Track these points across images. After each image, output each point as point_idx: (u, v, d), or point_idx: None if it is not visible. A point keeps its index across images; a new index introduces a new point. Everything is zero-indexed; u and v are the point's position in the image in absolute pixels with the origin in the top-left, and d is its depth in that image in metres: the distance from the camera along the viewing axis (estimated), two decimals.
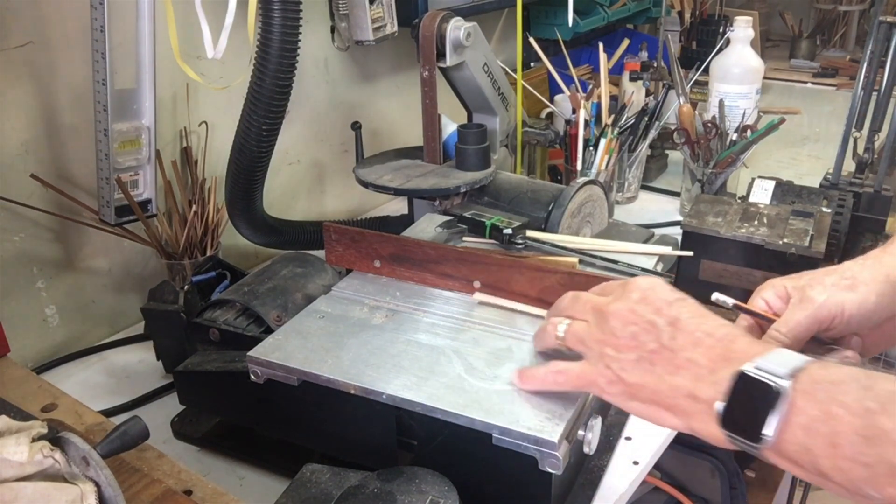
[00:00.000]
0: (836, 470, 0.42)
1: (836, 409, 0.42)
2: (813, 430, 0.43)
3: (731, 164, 1.29)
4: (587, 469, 0.73)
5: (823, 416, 0.42)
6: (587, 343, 0.56)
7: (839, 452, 0.42)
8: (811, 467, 0.43)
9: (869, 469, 0.41)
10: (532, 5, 1.72)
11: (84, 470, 0.50)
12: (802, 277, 0.63)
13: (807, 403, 0.43)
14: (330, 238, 0.83)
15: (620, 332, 0.53)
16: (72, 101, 0.96)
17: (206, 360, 0.78)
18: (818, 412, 0.43)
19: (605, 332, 0.54)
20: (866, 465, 0.41)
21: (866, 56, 1.17)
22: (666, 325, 0.52)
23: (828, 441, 0.42)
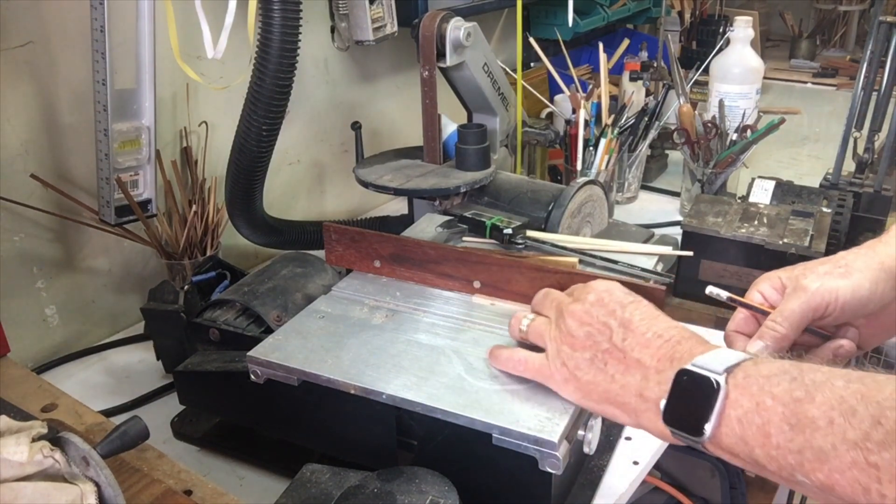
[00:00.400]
0: (769, 458, 0.44)
1: (768, 400, 0.44)
2: (747, 421, 0.45)
3: (731, 164, 1.29)
4: (587, 469, 0.73)
5: (756, 407, 0.44)
6: (545, 339, 0.59)
7: (770, 441, 0.43)
8: (748, 457, 0.45)
9: (798, 455, 0.42)
10: (532, 5, 1.72)
11: (84, 470, 0.50)
12: (796, 268, 0.64)
13: (741, 396, 0.45)
14: (330, 238, 0.83)
15: (576, 332, 0.56)
16: (72, 101, 0.96)
17: (206, 360, 0.78)
18: (751, 404, 0.45)
19: (563, 331, 0.57)
20: (795, 451, 0.42)
21: (866, 56, 1.17)
22: (618, 327, 0.55)
23: (760, 431, 0.44)
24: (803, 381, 0.44)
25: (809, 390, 0.43)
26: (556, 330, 0.58)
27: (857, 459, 0.39)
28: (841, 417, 0.41)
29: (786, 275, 0.63)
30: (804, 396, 0.43)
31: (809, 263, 0.64)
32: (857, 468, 0.39)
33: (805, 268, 0.63)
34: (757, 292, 0.65)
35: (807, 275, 0.62)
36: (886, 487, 0.38)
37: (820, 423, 0.41)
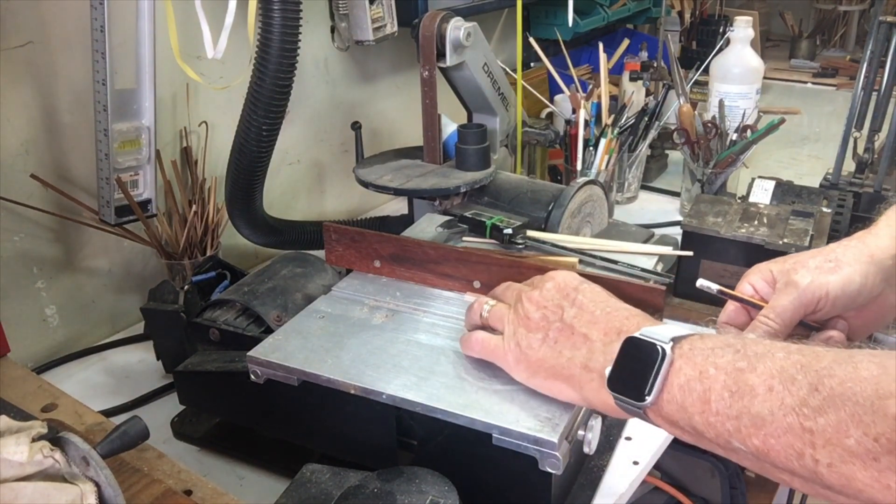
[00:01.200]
0: (707, 425, 0.45)
1: (711, 369, 0.45)
2: (688, 388, 0.46)
3: (731, 164, 1.29)
4: (587, 469, 0.73)
5: (699, 375, 0.46)
6: (504, 323, 0.61)
7: (710, 408, 0.45)
8: (687, 425, 0.46)
9: (735, 421, 0.43)
10: (532, 5, 1.72)
11: (84, 470, 0.50)
12: (787, 261, 0.64)
13: (685, 365, 0.47)
14: (330, 238, 0.83)
15: (532, 315, 0.58)
16: (72, 101, 0.96)
17: (206, 360, 0.78)
18: (694, 372, 0.46)
19: (520, 315, 0.59)
20: (733, 417, 0.43)
21: (866, 56, 1.17)
22: (570, 307, 0.57)
23: (701, 398, 0.45)
24: (746, 353, 0.45)
25: (752, 361, 0.44)
26: (513, 314, 0.60)
27: (793, 424, 0.40)
28: (780, 385, 0.42)
29: (777, 268, 0.64)
30: (746, 366, 0.44)
31: (800, 256, 0.64)
32: (791, 433, 0.40)
33: (796, 262, 0.63)
34: (748, 284, 0.65)
35: (798, 269, 0.62)
36: (819, 452, 0.39)
37: (759, 390, 0.42)
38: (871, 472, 0.37)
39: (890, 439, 0.37)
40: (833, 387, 0.40)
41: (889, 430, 0.37)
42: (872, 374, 0.39)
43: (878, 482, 0.37)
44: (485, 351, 0.62)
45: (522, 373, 0.59)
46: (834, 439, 0.39)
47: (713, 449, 0.46)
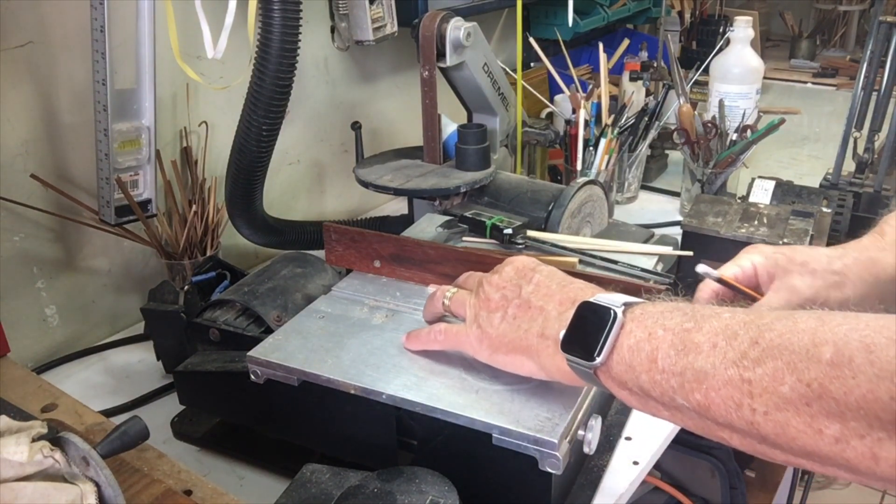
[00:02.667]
0: (653, 384, 0.46)
1: (659, 330, 0.47)
2: (637, 348, 0.48)
3: (731, 164, 1.29)
4: (587, 469, 0.73)
5: (648, 336, 0.47)
6: (465, 308, 0.63)
7: (656, 366, 0.46)
8: (634, 385, 0.48)
9: (679, 378, 0.44)
10: (532, 5, 1.72)
11: (84, 470, 0.50)
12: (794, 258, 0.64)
13: (636, 327, 0.49)
14: (330, 238, 0.83)
15: (492, 296, 0.60)
16: (72, 101, 0.96)
17: (206, 360, 0.78)
18: (644, 334, 0.48)
19: (481, 298, 0.61)
20: (677, 373, 0.45)
21: (866, 56, 1.17)
22: (527, 284, 0.59)
23: (648, 357, 0.47)
24: (694, 315, 0.47)
25: (699, 321, 0.46)
26: (475, 298, 0.62)
27: (733, 377, 0.42)
28: (723, 341, 0.43)
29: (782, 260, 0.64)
30: (693, 326, 0.45)
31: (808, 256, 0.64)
32: (731, 385, 0.42)
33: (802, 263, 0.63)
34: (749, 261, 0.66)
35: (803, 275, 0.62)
36: (756, 401, 0.40)
37: (704, 347, 0.44)
38: (804, 417, 0.38)
39: (822, 384, 0.38)
40: (772, 339, 0.41)
41: (821, 375, 0.38)
42: (810, 326, 0.40)
43: (810, 427, 0.38)
44: (448, 339, 0.64)
45: (485, 351, 0.60)
46: (770, 387, 0.40)
47: (657, 410, 0.48)
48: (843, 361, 0.37)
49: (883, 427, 0.36)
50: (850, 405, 0.37)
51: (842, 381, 0.37)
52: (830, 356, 0.38)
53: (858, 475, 0.38)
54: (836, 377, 0.37)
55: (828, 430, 0.38)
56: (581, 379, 0.52)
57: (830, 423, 0.38)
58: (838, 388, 0.37)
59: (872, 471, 0.37)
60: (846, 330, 0.39)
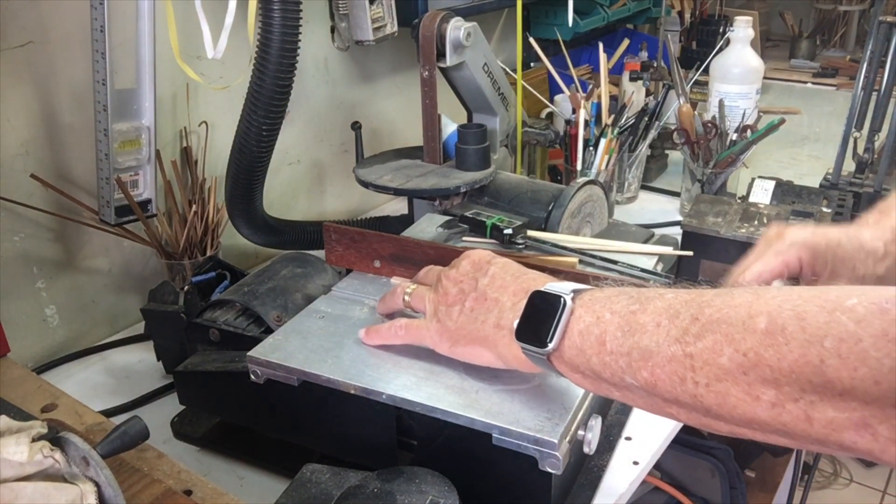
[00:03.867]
0: (603, 365, 0.48)
1: (607, 314, 0.49)
2: (587, 332, 0.50)
3: (731, 164, 1.29)
4: (587, 469, 0.73)
5: (596, 320, 0.49)
6: (425, 303, 0.64)
7: (605, 348, 0.48)
8: (586, 368, 0.50)
9: (626, 357, 0.46)
10: (532, 5, 1.72)
11: (84, 470, 0.50)
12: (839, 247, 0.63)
13: (585, 313, 0.50)
14: (330, 238, 0.83)
15: (450, 290, 0.62)
16: (72, 101, 0.96)
17: (206, 360, 0.78)
18: (593, 318, 0.50)
19: (440, 293, 0.63)
20: (625, 354, 0.47)
21: (866, 56, 1.17)
22: (483, 277, 0.61)
23: (597, 340, 0.49)
24: (639, 298, 0.48)
25: (643, 303, 0.48)
26: (433, 293, 0.64)
27: (676, 353, 0.43)
28: (667, 320, 0.45)
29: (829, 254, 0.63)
30: (638, 308, 0.47)
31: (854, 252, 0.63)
32: (675, 361, 0.43)
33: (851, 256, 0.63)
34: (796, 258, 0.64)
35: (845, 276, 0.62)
36: (698, 374, 0.42)
37: (648, 326, 0.46)
38: (742, 385, 0.40)
39: (757, 353, 0.40)
40: (711, 314, 0.43)
41: (757, 344, 0.40)
42: (746, 300, 0.42)
43: (748, 395, 0.40)
44: (409, 334, 0.65)
45: (445, 344, 0.62)
46: (710, 360, 0.42)
47: (610, 392, 0.50)
48: (777, 330, 0.39)
49: (815, 390, 0.38)
50: (783, 371, 0.38)
51: (775, 348, 0.39)
52: (765, 326, 0.40)
53: (795, 439, 0.40)
54: (770, 345, 0.39)
55: (764, 396, 0.39)
56: (536, 365, 0.54)
57: (766, 390, 0.39)
58: (772, 356, 0.39)
59: (807, 433, 0.39)
60: (780, 301, 0.41)
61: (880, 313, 0.36)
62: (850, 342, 0.36)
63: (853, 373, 0.36)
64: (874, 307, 0.37)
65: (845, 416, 0.37)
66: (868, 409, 0.36)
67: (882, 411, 0.36)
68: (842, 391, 0.37)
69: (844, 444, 0.38)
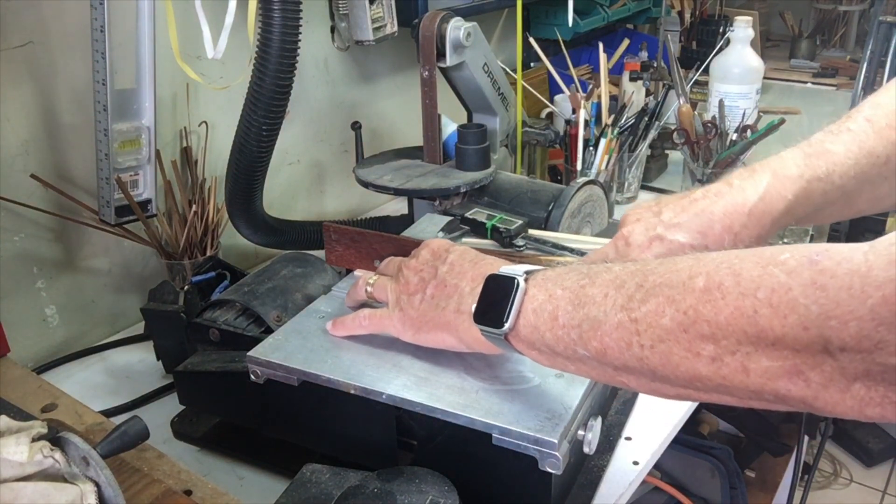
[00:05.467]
0: (556, 339, 0.50)
1: (558, 290, 0.51)
2: (540, 309, 0.51)
3: (730, 165, 1.28)
4: (587, 469, 0.73)
5: (549, 297, 0.51)
6: (387, 293, 0.66)
7: (557, 322, 0.50)
8: (541, 344, 0.51)
9: (577, 329, 0.48)
10: (532, 5, 1.72)
11: (84, 470, 0.50)
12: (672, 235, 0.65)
13: (538, 291, 0.52)
14: (330, 238, 0.83)
15: (411, 279, 0.64)
16: (72, 101, 0.96)
17: (206, 360, 0.78)
18: (545, 296, 0.51)
19: (401, 283, 0.65)
20: (576, 326, 0.48)
21: (866, 56, 1.17)
22: (442, 265, 0.63)
23: (550, 316, 0.50)
24: (589, 273, 0.50)
25: (593, 277, 0.49)
26: (395, 283, 0.65)
27: (622, 319, 0.45)
28: (613, 290, 0.47)
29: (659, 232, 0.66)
30: (588, 283, 0.49)
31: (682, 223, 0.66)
32: (621, 327, 0.45)
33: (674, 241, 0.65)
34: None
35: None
36: (643, 337, 0.44)
37: (597, 298, 0.48)
38: (683, 343, 0.42)
39: (696, 310, 0.41)
40: (654, 280, 0.45)
41: (696, 301, 0.41)
42: (688, 264, 0.44)
43: (689, 352, 0.42)
44: (374, 323, 0.67)
45: (408, 331, 0.63)
46: (653, 322, 0.43)
47: (565, 366, 0.51)
48: (714, 286, 0.41)
49: (749, 341, 0.39)
50: (720, 324, 0.40)
51: (712, 303, 0.41)
52: (703, 284, 0.42)
53: (734, 395, 0.42)
54: (707, 301, 0.41)
55: (704, 351, 0.41)
56: (495, 346, 0.55)
57: (706, 345, 0.41)
58: (710, 311, 0.41)
59: (745, 384, 0.40)
60: (718, 261, 0.42)
61: (809, 264, 0.38)
62: (781, 292, 0.38)
63: (783, 320, 0.38)
64: (804, 259, 0.38)
65: (778, 365, 0.38)
66: (799, 357, 0.38)
67: (812, 358, 0.37)
68: (774, 340, 0.38)
69: (779, 392, 0.39)
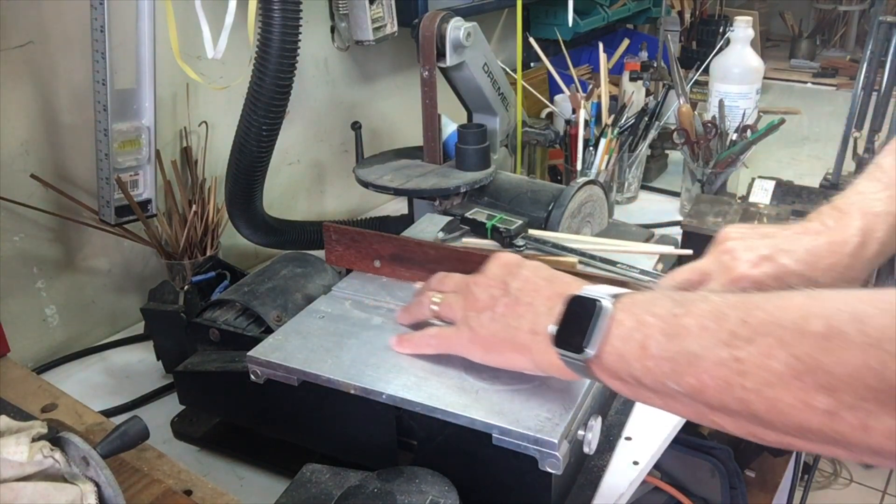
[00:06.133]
0: (645, 371, 0.46)
1: (649, 318, 0.47)
2: (628, 337, 0.48)
3: (730, 165, 1.29)
4: (587, 469, 0.73)
5: (638, 325, 0.48)
6: (455, 310, 0.63)
7: (647, 353, 0.46)
8: (627, 374, 0.48)
9: (671, 362, 0.45)
10: (532, 5, 1.72)
11: (84, 470, 0.50)
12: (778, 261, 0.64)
13: (626, 317, 0.49)
14: (330, 238, 0.83)
15: (480, 296, 0.60)
16: (72, 101, 0.96)
17: (206, 360, 0.78)
18: (634, 323, 0.48)
19: (469, 299, 0.61)
20: (669, 359, 0.45)
21: (866, 56, 1.17)
22: (513, 280, 0.59)
23: (639, 345, 0.47)
24: (682, 301, 0.47)
25: (687, 306, 0.46)
26: (464, 300, 0.62)
27: (724, 357, 0.42)
28: (713, 323, 0.43)
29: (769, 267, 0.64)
30: (682, 312, 0.46)
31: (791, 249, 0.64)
32: (723, 365, 0.42)
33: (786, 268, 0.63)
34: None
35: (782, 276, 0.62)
36: (747, 380, 0.40)
37: (693, 329, 0.44)
38: (795, 391, 0.38)
39: (811, 356, 0.38)
40: (762, 317, 0.41)
41: (811, 347, 0.38)
42: (799, 302, 0.41)
43: (801, 401, 0.38)
44: (442, 343, 0.64)
45: (478, 351, 0.60)
46: (761, 364, 0.40)
47: (651, 399, 0.48)
48: (834, 333, 0.37)
49: (875, 397, 0.36)
50: (841, 377, 0.37)
51: (833, 352, 0.37)
52: (821, 329, 0.38)
53: (850, 449, 0.38)
54: (827, 349, 0.37)
55: (819, 403, 0.38)
56: (574, 372, 0.52)
57: (821, 397, 0.37)
58: (830, 360, 0.37)
59: (865, 442, 0.37)
60: (837, 304, 0.39)
61: None
62: None
63: None
64: None
65: None
66: None
67: None
68: None
69: None
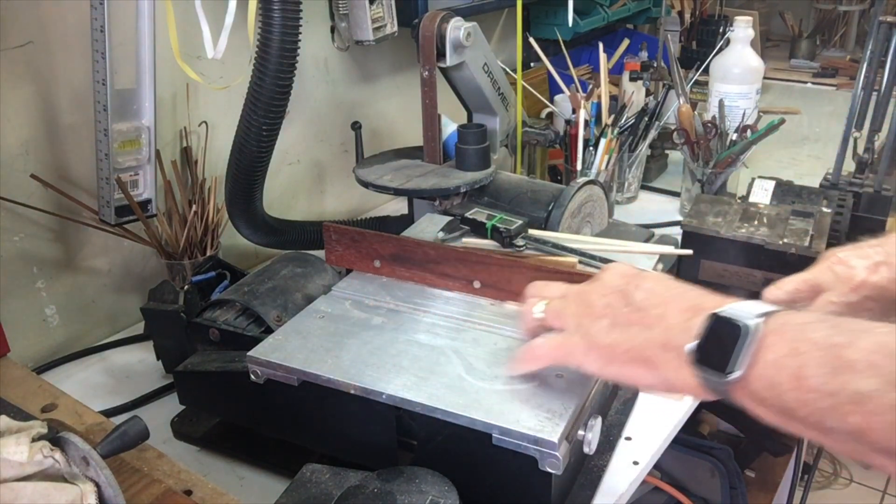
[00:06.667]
0: (800, 403, 0.42)
1: (804, 345, 0.43)
2: (780, 364, 0.44)
3: (730, 164, 1.29)
4: (587, 469, 0.73)
5: (791, 351, 0.43)
6: (564, 317, 0.58)
7: (804, 385, 0.42)
8: (776, 403, 0.44)
9: (833, 398, 0.41)
10: (532, 5, 1.72)
11: (84, 470, 0.50)
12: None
13: (777, 340, 0.44)
14: (330, 238, 0.83)
15: (595, 303, 0.56)
16: (72, 101, 0.96)
17: (206, 360, 0.78)
18: (787, 348, 0.44)
19: (581, 306, 0.57)
20: (830, 394, 0.41)
21: (866, 56, 1.17)
22: (636, 290, 0.55)
23: (794, 374, 0.43)
24: (842, 328, 0.43)
25: (849, 336, 0.42)
26: (573, 306, 0.58)
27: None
28: (884, 360, 0.39)
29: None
30: (844, 342, 0.42)
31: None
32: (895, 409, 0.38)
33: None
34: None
35: None
36: None
37: (860, 366, 0.40)
38: None
39: None
40: None
41: None
42: None
43: None
44: (551, 353, 0.59)
45: (595, 362, 0.56)
46: None
47: (801, 430, 0.44)
48: None
49: None
50: None
51: None
52: None
53: None
54: None
55: None
56: (709, 393, 0.48)
57: None
58: None
59: None
60: None
61: None
62: None
63: None
64: None
65: None
66: None
67: None
68: None
69: None
